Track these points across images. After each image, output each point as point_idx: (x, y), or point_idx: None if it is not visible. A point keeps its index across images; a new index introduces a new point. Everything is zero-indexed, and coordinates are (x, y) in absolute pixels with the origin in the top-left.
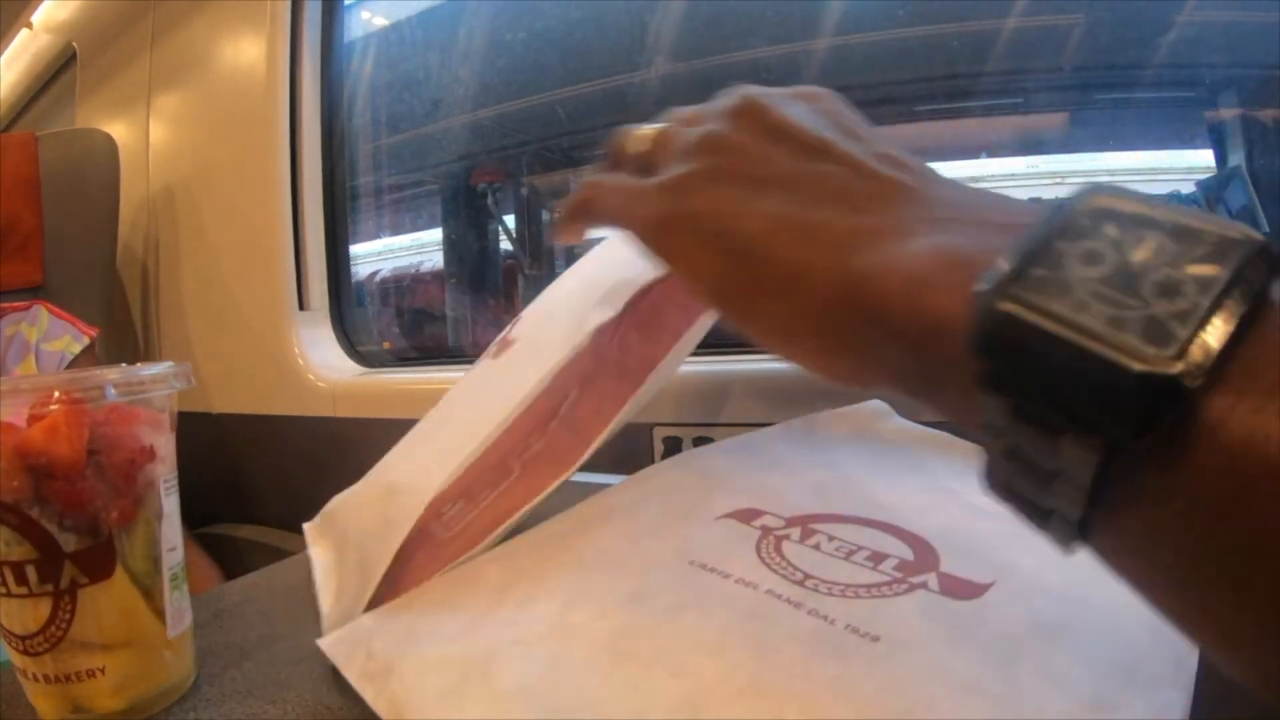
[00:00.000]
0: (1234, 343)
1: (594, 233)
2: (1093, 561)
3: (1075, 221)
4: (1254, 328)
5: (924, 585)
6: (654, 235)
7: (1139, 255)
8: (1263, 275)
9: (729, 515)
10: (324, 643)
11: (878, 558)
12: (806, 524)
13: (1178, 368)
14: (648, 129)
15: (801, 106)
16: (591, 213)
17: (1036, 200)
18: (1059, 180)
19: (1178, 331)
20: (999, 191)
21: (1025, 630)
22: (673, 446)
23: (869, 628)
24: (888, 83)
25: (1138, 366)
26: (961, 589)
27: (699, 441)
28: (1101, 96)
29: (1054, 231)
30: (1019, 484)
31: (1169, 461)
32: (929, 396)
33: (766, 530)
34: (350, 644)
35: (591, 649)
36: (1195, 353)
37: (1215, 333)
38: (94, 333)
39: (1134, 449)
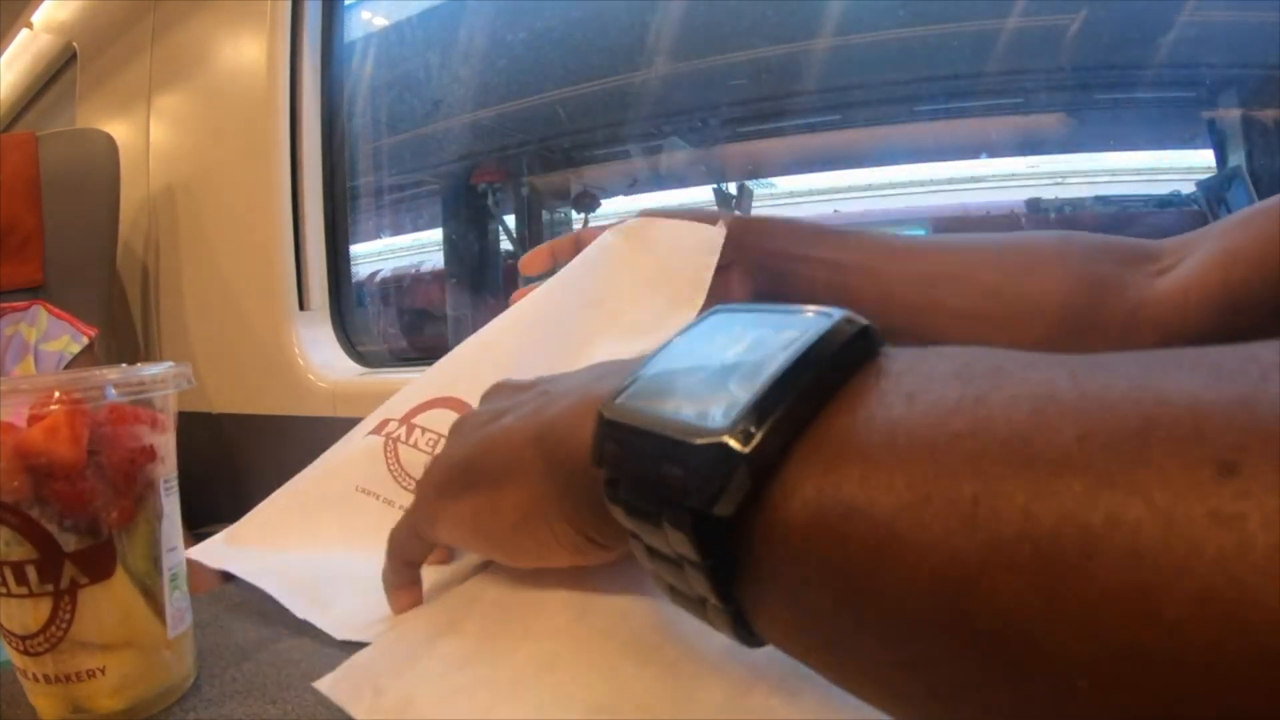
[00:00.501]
0: (800, 417)
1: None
2: None
3: (677, 337)
4: (835, 402)
5: None
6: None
7: (735, 351)
8: (840, 351)
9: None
10: (323, 685)
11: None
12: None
13: (728, 436)
14: None
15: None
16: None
17: (1035, 200)
18: (1059, 180)
19: (747, 408)
20: (995, 193)
21: None
22: None
23: None
24: (888, 83)
25: (698, 440)
26: None
27: None
28: (1101, 96)
29: (660, 351)
30: (667, 579)
31: (762, 536)
32: (597, 531)
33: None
34: (353, 682)
35: (620, 647)
36: (751, 424)
37: (778, 404)
38: (93, 333)
39: (716, 518)
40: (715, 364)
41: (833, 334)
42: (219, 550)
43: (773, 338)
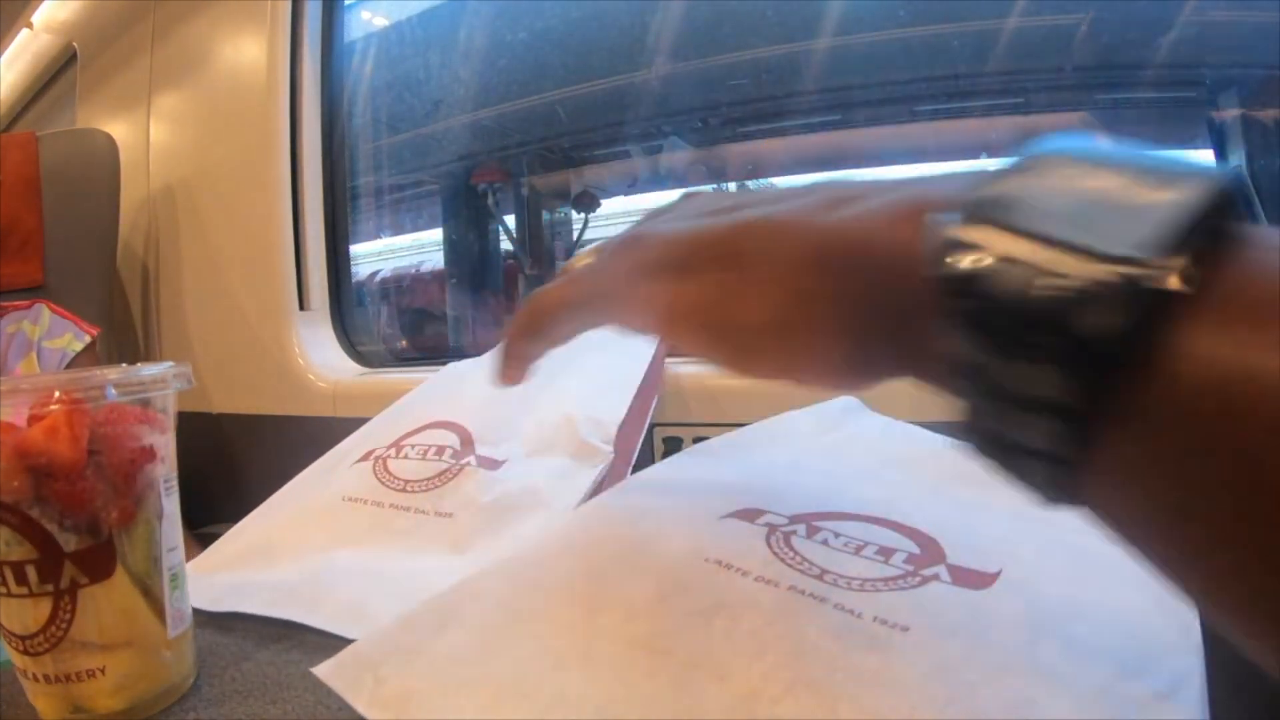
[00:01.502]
0: (1210, 261)
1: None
2: (1089, 548)
3: (1032, 164)
4: (1228, 248)
5: (936, 577)
6: (626, 283)
7: (1099, 183)
8: (1229, 202)
9: (732, 515)
10: (321, 671)
11: (886, 552)
12: (810, 521)
13: (1134, 267)
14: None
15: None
16: (551, 312)
17: None
18: None
19: (1150, 243)
20: None
21: (1039, 614)
22: (673, 446)
23: (896, 619)
24: (888, 83)
25: (1093, 266)
26: (972, 579)
27: (699, 441)
28: (1102, 96)
29: (1014, 171)
30: (988, 422)
31: (1145, 388)
32: (900, 349)
33: (773, 528)
34: (353, 670)
35: (629, 648)
36: (1170, 261)
37: (1188, 248)
38: (95, 332)
39: (1097, 358)
40: (1076, 192)
41: (1234, 185)
42: (213, 590)
43: (1136, 179)
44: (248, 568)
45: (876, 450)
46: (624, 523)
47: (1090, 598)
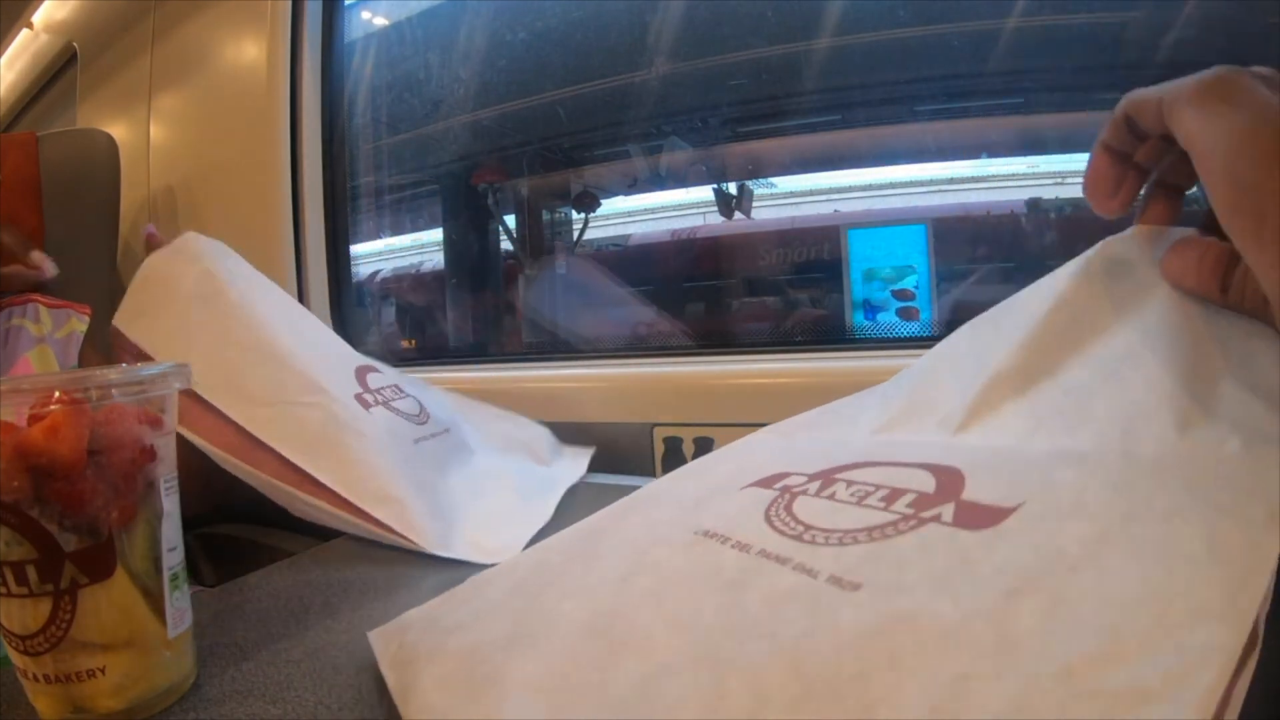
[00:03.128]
0: None
1: None
2: (1150, 473)
3: None
4: None
5: (936, 519)
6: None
7: None
8: None
9: (754, 484)
10: (372, 634)
11: (894, 496)
12: (830, 475)
13: None
14: None
15: None
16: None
17: (1035, 200)
18: (1059, 180)
19: None
20: (995, 193)
21: (1041, 561)
22: (673, 446)
23: (854, 575)
24: (888, 83)
25: None
26: (978, 518)
27: (699, 441)
28: (1101, 96)
29: None
30: None
31: None
32: None
33: (786, 490)
34: (390, 634)
35: (571, 633)
36: None
37: None
38: (88, 310)
39: None
40: None
41: None
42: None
43: None
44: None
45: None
46: (651, 505)
47: (1119, 542)
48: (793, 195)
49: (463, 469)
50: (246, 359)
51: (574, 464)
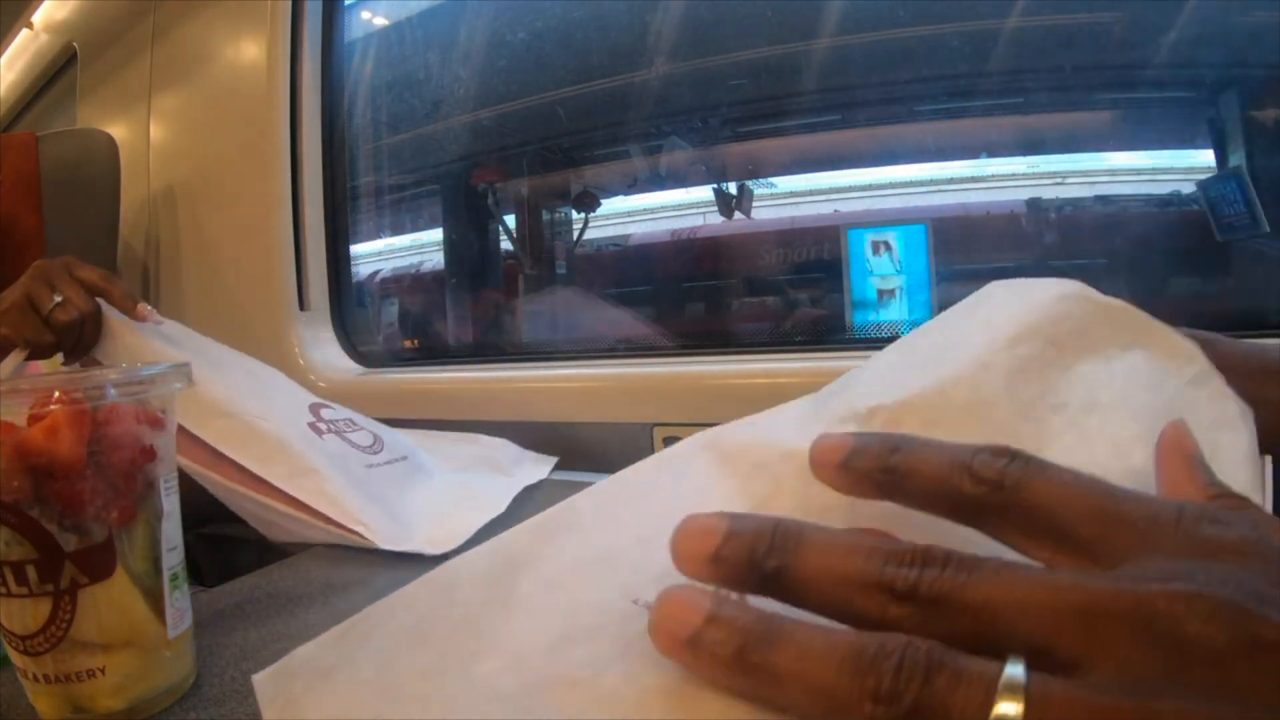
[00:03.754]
0: None
1: None
2: None
3: None
4: None
5: None
6: None
7: None
8: None
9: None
10: (257, 679)
11: None
12: None
13: None
14: None
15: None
16: None
17: (1035, 200)
18: (1059, 180)
19: None
20: (995, 193)
21: None
22: None
23: None
24: (888, 83)
25: None
26: None
27: None
28: (1101, 96)
29: None
30: None
31: None
32: None
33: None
34: (278, 680)
35: (495, 704)
36: None
37: None
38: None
39: None
40: None
41: None
42: None
43: None
44: None
45: None
46: (574, 537)
47: None
48: (793, 195)
49: (419, 487)
50: (204, 383)
51: (535, 469)
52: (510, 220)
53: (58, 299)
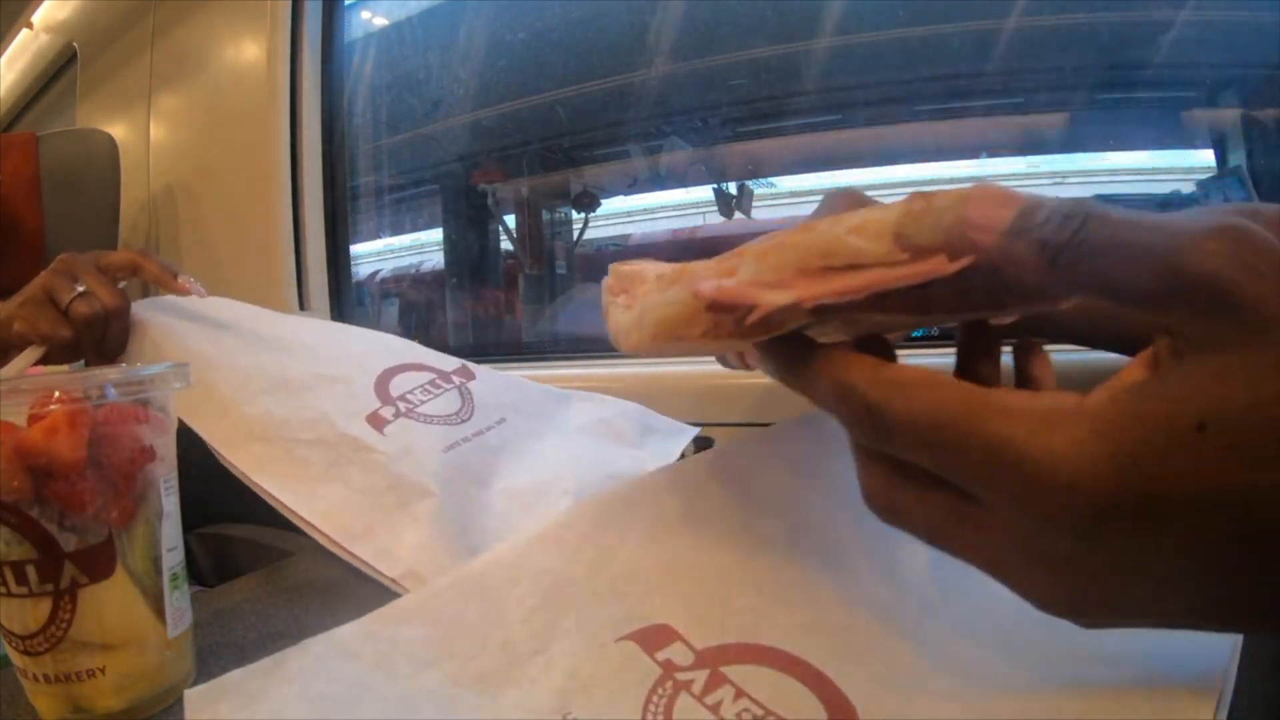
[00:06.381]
0: None
1: None
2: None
3: None
4: None
5: None
6: None
7: None
8: None
9: (632, 636)
10: (189, 694)
11: None
12: (718, 665)
13: None
14: None
15: None
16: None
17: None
18: (1059, 180)
19: None
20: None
21: None
22: None
23: None
24: (888, 83)
25: None
26: None
27: (699, 441)
28: (1101, 96)
29: None
30: None
31: None
32: None
33: (669, 669)
34: (208, 698)
35: None
36: None
37: None
38: None
39: None
40: None
41: None
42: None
43: None
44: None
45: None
46: (496, 599)
47: None
48: (793, 195)
49: (516, 466)
50: (247, 388)
51: (667, 442)
52: (510, 220)
53: (79, 289)
